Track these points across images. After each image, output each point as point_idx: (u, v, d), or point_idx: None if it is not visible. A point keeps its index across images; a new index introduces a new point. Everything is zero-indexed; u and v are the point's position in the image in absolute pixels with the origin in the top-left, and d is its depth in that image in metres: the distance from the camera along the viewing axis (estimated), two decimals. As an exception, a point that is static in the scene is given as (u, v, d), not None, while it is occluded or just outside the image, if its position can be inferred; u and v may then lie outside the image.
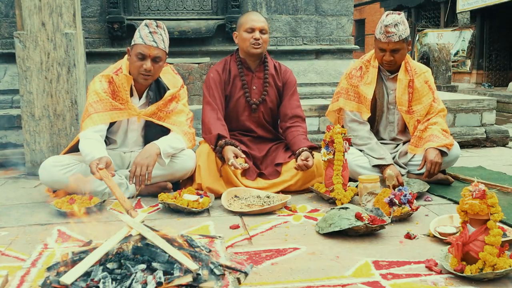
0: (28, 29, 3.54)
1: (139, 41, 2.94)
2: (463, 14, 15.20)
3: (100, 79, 3.01)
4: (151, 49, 2.92)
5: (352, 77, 3.44)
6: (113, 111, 2.97)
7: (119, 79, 2.98)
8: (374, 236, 2.36)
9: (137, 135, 3.17)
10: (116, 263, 1.76)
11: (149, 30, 2.94)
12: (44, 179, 2.96)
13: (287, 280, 1.89)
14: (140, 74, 2.96)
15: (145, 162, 2.82)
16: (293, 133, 3.27)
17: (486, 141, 4.86)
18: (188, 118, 3.18)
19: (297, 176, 3.14)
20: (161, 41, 2.97)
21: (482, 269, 1.86)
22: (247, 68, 3.32)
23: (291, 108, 3.34)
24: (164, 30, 3.02)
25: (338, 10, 5.58)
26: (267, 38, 3.27)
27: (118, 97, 3.00)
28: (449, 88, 9.35)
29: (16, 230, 2.50)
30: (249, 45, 3.21)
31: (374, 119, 3.44)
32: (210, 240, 2.18)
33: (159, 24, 2.99)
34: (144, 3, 5.15)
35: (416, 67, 3.40)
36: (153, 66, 2.95)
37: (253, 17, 3.24)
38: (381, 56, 3.29)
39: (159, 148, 2.91)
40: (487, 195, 1.88)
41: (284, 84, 3.39)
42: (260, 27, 3.21)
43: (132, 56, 2.96)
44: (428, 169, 3.11)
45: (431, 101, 3.34)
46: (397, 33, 3.17)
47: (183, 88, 3.23)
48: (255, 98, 3.32)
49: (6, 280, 1.84)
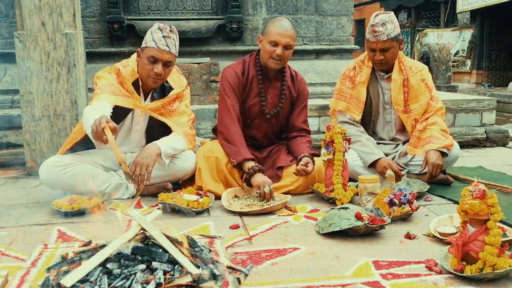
0: (28, 29, 3.54)
1: (151, 44, 2.92)
2: (463, 14, 15.20)
3: (109, 71, 3.03)
4: (164, 54, 2.92)
5: (345, 77, 3.46)
6: (120, 96, 2.96)
7: (125, 72, 2.99)
8: (374, 236, 2.36)
9: (140, 136, 3.17)
10: (116, 263, 1.76)
11: (163, 35, 2.93)
12: (44, 179, 2.96)
13: (287, 280, 1.89)
14: (150, 77, 2.96)
15: (145, 162, 2.81)
16: (297, 140, 3.23)
17: (486, 141, 4.86)
18: (190, 120, 3.18)
19: (298, 182, 3.10)
20: (173, 46, 2.97)
21: (482, 269, 1.86)
22: (265, 75, 3.19)
23: (299, 121, 3.29)
24: (176, 34, 3.01)
25: (338, 10, 5.59)
26: (290, 53, 3.10)
27: (126, 89, 3.00)
28: (449, 88, 9.35)
29: (16, 230, 2.50)
30: (269, 59, 3.06)
31: (370, 120, 3.45)
32: (210, 240, 2.17)
33: (172, 29, 2.98)
34: (144, 3, 5.15)
35: (412, 66, 3.39)
36: (163, 70, 2.95)
37: (280, 31, 3.01)
38: (371, 56, 3.31)
39: (159, 148, 2.91)
40: (487, 195, 1.88)
41: (298, 95, 3.31)
42: (285, 43, 3.01)
43: (143, 59, 2.95)
44: (430, 172, 3.11)
45: (429, 99, 3.33)
46: (385, 32, 3.19)
47: (187, 89, 3.23)
48: (269, 108, 3.22)
49: (6, 280, 1.84)
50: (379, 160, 3.19)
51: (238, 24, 5.20)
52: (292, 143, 3.27)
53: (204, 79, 4.62)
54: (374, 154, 3.22)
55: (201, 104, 4.57)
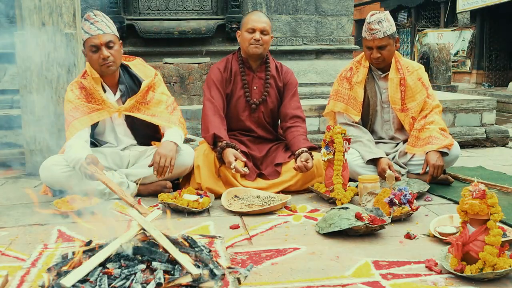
0: (28, 29, 3.54)
1: (86, 36, 2.96)
2: (463, 14, 15.19)
3: (71, 88, 3.07)
4: (99, 37, 2.94)
5: (342, 79, 3.50)
6: (91, 113, 3.01)
7: (88, 82, 3.02)
8: (374, 236, 2.36)
9: (124, 128, 3.20)
10: (116, 263, 1.76)
11: (90, 22, 2.96)
12: (44, 179, 2.97)
13: (287, 280, 1.90)
14: (102, 65, 2.97)
15: (169, 154, 2.91)
16: (293, 133, 3.26)
17: (486, 141, 4.86)
18: (168, 106, 3.19)
19: (297, 177, 3.14)
20: (106, 27, 2.98)
21: (482, 269, 1.86)
22: (249, 68, 3.32)
23: (291, 108, 3.34)
24: (104, 16, 3.03)
25: (338, 10, 5.58)
26: (269, 39, 3.25)
27: (94, 99, 3.03)
28: (449, 88, 9.33)
29: (16, 230, 2.50)
30: (249, 46, 3.21)
31: (368, 119, 3.46)
32: (210, 240, 2.17)
33: (96, 13, 3.00)
34: (144, 3, 5.15)
35: (409, 65, 3.43)
36: (109, 52, 2.96)
37: (255, 17, 3.23)
38: (369, 54, 3.34)
39: (175, 143, 2.99)
40: (487, 195, 1.88)
41: (285, 85, 3.39)
42: (261, 27, 3.19)
43: (88, 53, 2.99)
44: (431, 173, 3.11)
45: (425, 97, 3.36)
46: (381, 30, 3.23)
47: (157, 76, 3.24)
48: (256, 98, 3.31)
49: (6, 280, 1.84)
50: (380, 160, 3.19)
51: (238, 24, 5.19)
52: (288, 135, 3.30)
53: (204, 79, 4.61)
54: (374, 153, 3.22)
55: (201, 104, 4.55)
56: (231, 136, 3.23)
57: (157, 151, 2.94)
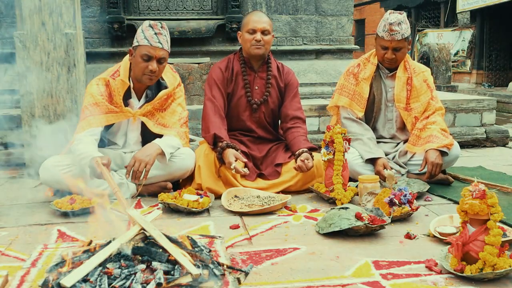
0: (28, 29, 3.54)
1: (144, 42, 2.94)
2: (463, 14, 15.19)
3: (97, 82, 3.04)
4: (157, 50, 2.94)
5: (349, 74, 3.50)
6: (108, 114, 3.00)
7: (115, 84, 3.01)
8: (374, 236, 2.36)
9: (137, 135, 3.19)
10: (116, 263, 1.76)
11: (155, 32, 2.95)
12: (44, 179, 2.97)
13: (287, 280, 1.89)
14: (145, 75, 2.97)
15: (145, 159, 2.85)
16: (293, 133, 3.26)
17: (486, 141, 4.86)
18: (181, 118, 3.19)
19: (297, 177, 3.14)
20: (165, 42, 2.99)
21: (482, 269, 1.86)
22: (250, 68, 3.32)
23: (292, 109, 3.34)
24: (167, 31, 3.04)
25: (338, 10, 5.58)
26: (270, 39, 3.24)
27: (114, 101, 3.03)
28: (449, 88, 9.34)
29: (16, 230, 2.50)
30: (250, 46, 3.20)
31: (371, 116, 3.46)
32: (210, 240, 2.18)
33: (163, 25, 3.01)
34: (144, 3, 5.15)
35: (415, 67, 3.45)
36: (158, 67, 2.97)
37: (255, 18, 3.22)
38: (382, 54, 3.33)
39: (160, 148, 2.93)
40: (487, 195, 1.88)
41: (286, 85, 3.38)
42: (262, 28, 3.19)
43: (137, 57, 2.97)
44: (429, 171, 3.12)
45: (429, 98, 3.38)
46: (400, 32, 3.23)
47: (179, 87, 3.24)
48: (257, 98, 3.31)
49: (6, 280, 1.84)
50: (377, 161, 3.19)
51: (238, 24, 5.19)
52: (288, 136, 3.30)
53: (204, 79, 4.61)
54: (372, 153, 3.23)
55: (201, 104, 4.56)
56: (231, 136, 3.24)
57: (135, 155, 2.91)
